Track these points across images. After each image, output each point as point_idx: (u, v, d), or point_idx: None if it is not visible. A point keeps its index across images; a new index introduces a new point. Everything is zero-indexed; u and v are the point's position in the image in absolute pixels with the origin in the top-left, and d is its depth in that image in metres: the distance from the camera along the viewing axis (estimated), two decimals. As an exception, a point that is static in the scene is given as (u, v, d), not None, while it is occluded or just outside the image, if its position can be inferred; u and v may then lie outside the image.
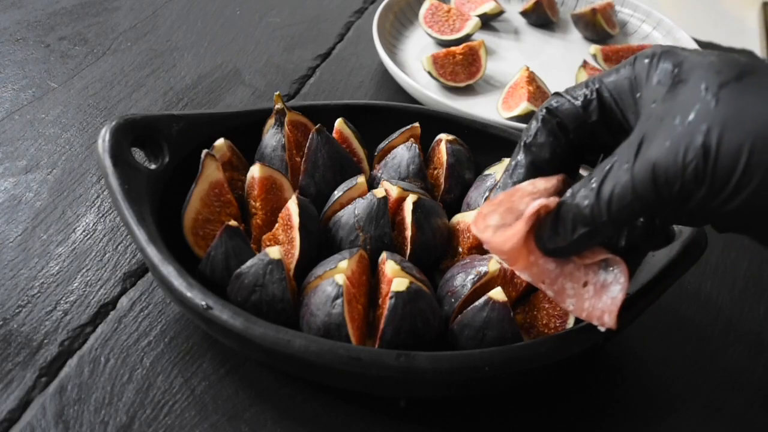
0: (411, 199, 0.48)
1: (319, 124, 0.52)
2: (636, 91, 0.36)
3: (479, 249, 0.48)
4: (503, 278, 0.46)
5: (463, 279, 0.45)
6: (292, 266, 0.46)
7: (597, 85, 0.38)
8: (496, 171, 0.53)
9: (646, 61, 0.35)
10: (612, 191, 0.33)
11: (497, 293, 0.41)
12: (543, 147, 0.39)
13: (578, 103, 0.38)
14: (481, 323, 0.42)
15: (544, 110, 0.39)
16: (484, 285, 0.44)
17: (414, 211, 0.47)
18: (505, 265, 0.45)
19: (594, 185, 0.34)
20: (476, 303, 0.42)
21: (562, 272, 0.39)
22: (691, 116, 0.31)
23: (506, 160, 0.54)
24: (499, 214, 0.39)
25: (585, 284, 0.38)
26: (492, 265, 0.44)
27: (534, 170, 0.40)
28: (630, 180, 0.32)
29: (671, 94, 0.33)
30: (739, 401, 0.47)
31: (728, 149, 0.29)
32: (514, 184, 0.40)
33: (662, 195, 0.32)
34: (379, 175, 0.54)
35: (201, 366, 0.45)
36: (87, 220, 0.56)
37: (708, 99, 0.31)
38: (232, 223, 0.45)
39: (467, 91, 0.77)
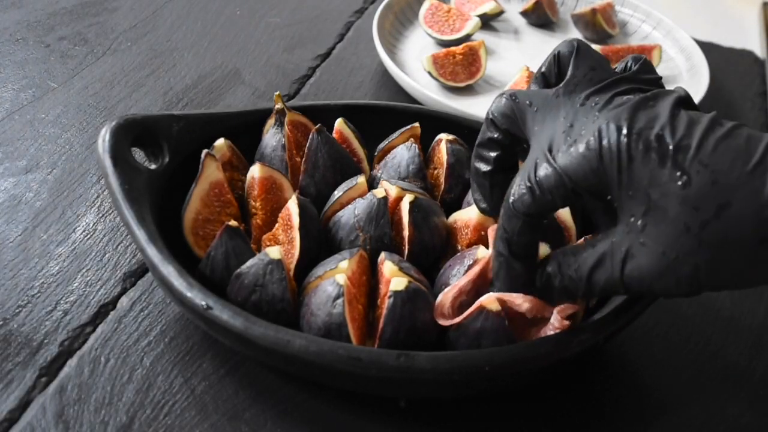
0: (408, 198, 0.48)
1: (319, 124, 0.52)
2: (606, 192, 0.36)
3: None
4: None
5: (456, 270, 0.45)
6: (292, 266, 0.46)
7: (570, 185, 0.37)
8: None
9: (615, 165, 0.35)
10: (603, 284, 0.37)
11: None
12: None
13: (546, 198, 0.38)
14: (476, 333, 0.41)
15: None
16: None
17: (411, 211, 0.47)
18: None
19: (582, 274, 0.38)
20: (471, 313, 0.42)
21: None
22: (678, 255, 0.34)
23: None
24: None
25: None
26: (480, 252, 0.45)
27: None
28: (621, 283, 0.36)
29: (651, 219, 0.34)
30: (739, 401, 0.47)
31: (715, 282, 0.34)
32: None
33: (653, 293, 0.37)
34: (379, 175, 0.54)
35: (201, 366, 0.45)
36: (87, 220, 0.56)
37: (692, 241, 0.33)
38: (232, 223, 0.45)
39: (467, 91, 0.77)
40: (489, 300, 0.41)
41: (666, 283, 0.35)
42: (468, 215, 0.49)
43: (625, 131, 0.35)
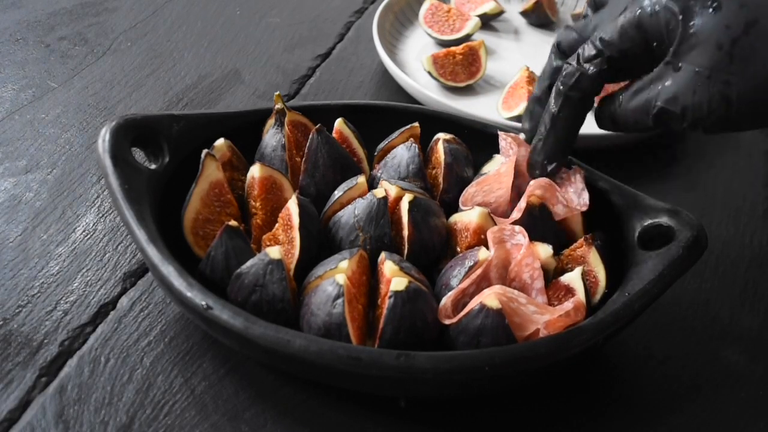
0: (407, 198, 0.48)
1: (319, 124, 0.52)
2: (652, 41, 0.41)
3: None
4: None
5: (457, 271, 0.45)
6: (292, 266, 0.46)
7: (608, 52, 0.43)
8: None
9: (652, 11, 0.40)
10: (639, 108, 0.42)
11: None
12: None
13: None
14: (475, 330, 0.41)
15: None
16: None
17: (410, 210, 0.47)
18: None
19: (626, 101, 0.43)
20: (471, 310, 0.42)
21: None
22: (711, 72, 0.38)
23: (498, 157, 0.54)
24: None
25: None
26: (482, 253, 0.45)
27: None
28: (654, 107, 0.41)
29: (686, 45, 0.39)
30: (739, 401, 0.47)
31: (745, 99, 0.37)
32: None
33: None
34: (378, 175, 0.54)
35: (201, 366, 0.45)
36: (87, 220, 0.56)
37: (724, 57, 0.37)
38: (232, 223, 0.45)
39: (467, 91, 0.77)
40: (489, 297, 0.41)
41: (699, 99, 0.38)
42: (468, 218, 0.49)
43: None
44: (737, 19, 0.37)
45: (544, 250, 0.46)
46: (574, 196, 0.49)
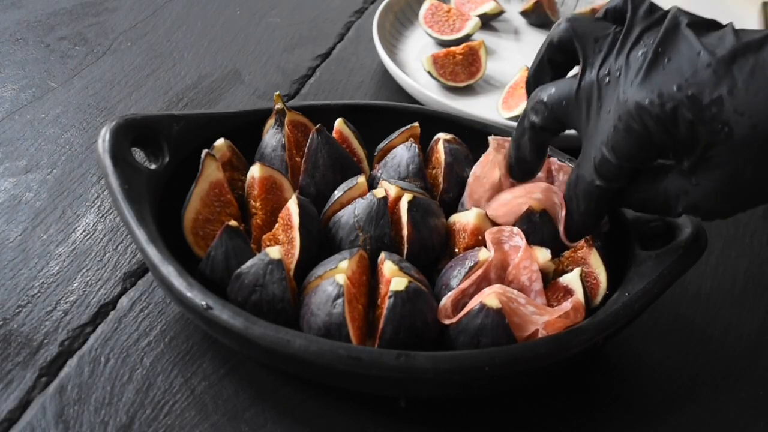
0: (406, 198, 0.48)
1: (319, 124, 0.52)
2: (666, 152, 0.39)
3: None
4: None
5: (457, 271, 0.45)
6: (292, 266, 0.46)
7: (627, 165, 0.40)
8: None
9: (660, 134, 0.38)
10: (657, 210, 0.42)
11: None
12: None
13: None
14: (476, 330, 0.41)
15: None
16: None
17: (410, 210, 0.47)
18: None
19: (641, 203, 0.43)
20: (471, 310, 0.42)
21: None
22: (732, 190, 0.37)
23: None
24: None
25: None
26: (482, 254, 0.45)
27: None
28: (674, 210, 0.41)
29: (702, 166, 0.38)
30: (739, 401, 0.47)
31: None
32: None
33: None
34: (378, 175, 0.54)
35: (201, 366, 0.45)
36: (87, 220, 0.56)
37: (743, 179, 0.36)
38: (233, 223, 0.45)
39: (467, 91, 0.77)
40: (489, 297, 0.41)
41: (723, 208, 0.39)
42: (466, 218, 0.49)
43: (657, 107, 0.37)
44: (752, 142, 0.35)
45: (542, 254, 0.46)
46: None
